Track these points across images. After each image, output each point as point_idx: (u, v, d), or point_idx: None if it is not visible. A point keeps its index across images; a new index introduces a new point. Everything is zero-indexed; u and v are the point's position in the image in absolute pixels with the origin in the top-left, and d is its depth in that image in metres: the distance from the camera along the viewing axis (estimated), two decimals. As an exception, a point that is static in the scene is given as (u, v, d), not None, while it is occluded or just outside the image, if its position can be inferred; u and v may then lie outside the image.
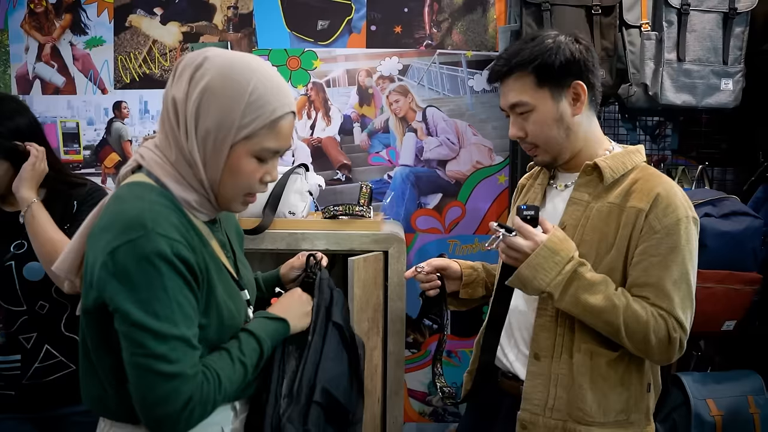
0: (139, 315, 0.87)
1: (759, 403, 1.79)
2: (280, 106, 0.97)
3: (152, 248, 0.88)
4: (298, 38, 2.45)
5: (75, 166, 2.50)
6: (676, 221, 1.17)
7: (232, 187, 0.99)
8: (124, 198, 0.95)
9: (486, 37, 2.43)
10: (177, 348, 0.89)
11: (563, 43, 1.21)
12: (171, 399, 0.89)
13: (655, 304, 1.17)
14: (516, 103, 1.24)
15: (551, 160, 1.29)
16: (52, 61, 2.45)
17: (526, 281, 1.19)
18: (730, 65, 1.92)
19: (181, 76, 0.97)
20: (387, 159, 2.49)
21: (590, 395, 1.21)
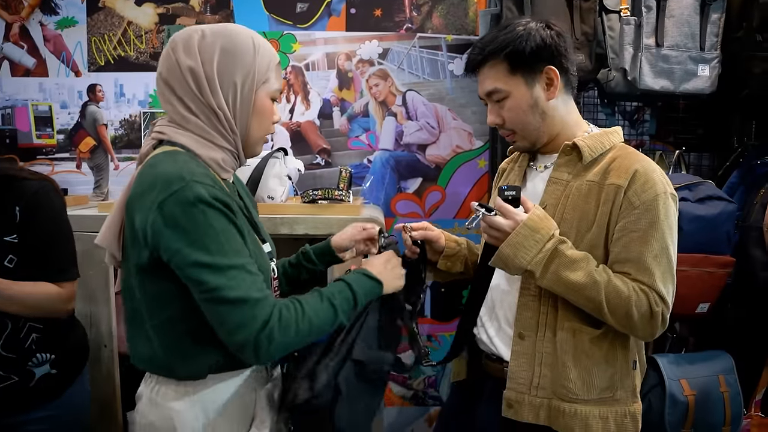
0: (193, 254, 0.97)
1: (729, 383, 1.84)
2: (275, 53, 1.15)
3: (194, 195, 0.97)
4: (277, 21, 2.41)
5: (48, 150, 2.44)
6: (655, 197, 1.19)
7: (258, 129, 1.13)
8: (156, 164, 1.03)
9: (466, 21, 2.42)
10: (235, 276, 0.97)
11: (534, 29, 1.23)
12: (245, 323, 0.98)
13: (637, 279, 1.19)
14: (491, 91, 1.26)
15: (530, 146, 1.31)
16: (21, 41, 2.39)
17: (507, 260, 1.20)
18: (707, 51, 1.94)
19: (186, 50, 1.07)
20: (366, 143, 2.47)
21: (574, 373, 1.23)
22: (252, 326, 0.97)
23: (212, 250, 0.97)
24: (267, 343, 0.99)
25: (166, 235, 0.97)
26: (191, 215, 0.96)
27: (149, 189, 0.99)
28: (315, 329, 1.06)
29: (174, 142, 1.08)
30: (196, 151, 1.07)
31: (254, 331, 0.97)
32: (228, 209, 1.01)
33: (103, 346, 1.85)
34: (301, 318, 1.03)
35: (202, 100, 1.07)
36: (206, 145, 1.08)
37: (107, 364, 1.85)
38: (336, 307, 1.08)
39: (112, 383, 1.86)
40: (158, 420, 1.08)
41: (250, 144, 1.14)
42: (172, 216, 0.96)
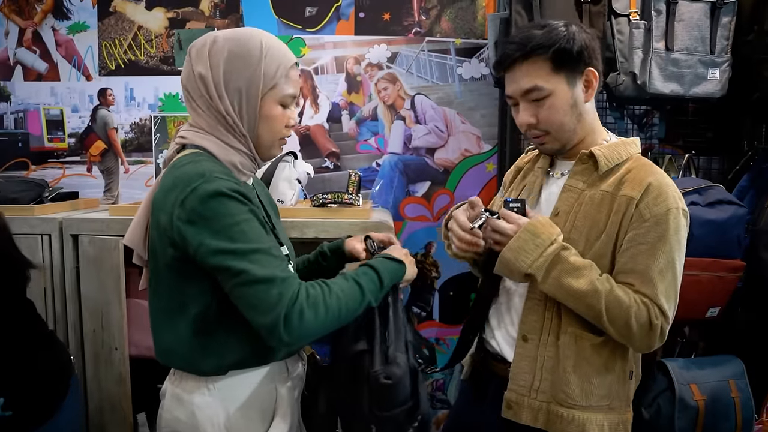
0: (216, 243, 1.00)
1: (740, 387, 1.82)
2: (289, 57, 1.14)
3: (213, 188, 1.01)
4: (286, 25, 2.43)
5: (60, 154, 2.46)
6: (666, 211, 1.19)
7: (268, 134, 1.14)
8: (179, 166, 1.08)
9: (475, 25, 2.43)
10: (258, 259, 1.00)
11: (575, 31, 1.22)
12: (274, 302, 0.99)
13: (639, 291, 1.19)
14: (531, 89, 1.22)
15: (560, 148, 1.29)
16: (33, 46, 2.41)
17: (509, 264, 1.21)
18: (717, 55, 1.93)
19: (198, 57, 1.11)
20: (375, 147, 2.48)
21: (574, 378, 1.23)
22: (281, 303, 0.99)
23: (234, 237, 1.00)
24: (298, 319, 1.00)
25: (189, 230, 1.01)
26: (211, 207, 1.00)
27: (172, 189, 1.04)
28: (344, 307, 1.07)
29: (196, 145, 1.12)
30: (216, 155, 1.11)
31: (284, 307, 0.99)
32: (248, 200, 1.04)
33: (114, 349, 1.86)
34: (328, 295, 1.05)
35: (212, 105, 1.10)
36: (224, 148, 1.12)
37: (118, 366, 1.86)
38: (362, 285, 1.11)
39: (123, 386, 1.87)
40: (182, 414, 1.13)
41: (263, 148, 1.16)
42: (193, 210, 1.00)
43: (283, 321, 0.99)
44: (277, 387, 1.18)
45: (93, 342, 1.88)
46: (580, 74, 1.23)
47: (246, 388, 1.14)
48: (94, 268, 1.85)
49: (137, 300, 1.91)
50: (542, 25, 1.24)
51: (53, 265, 1.87)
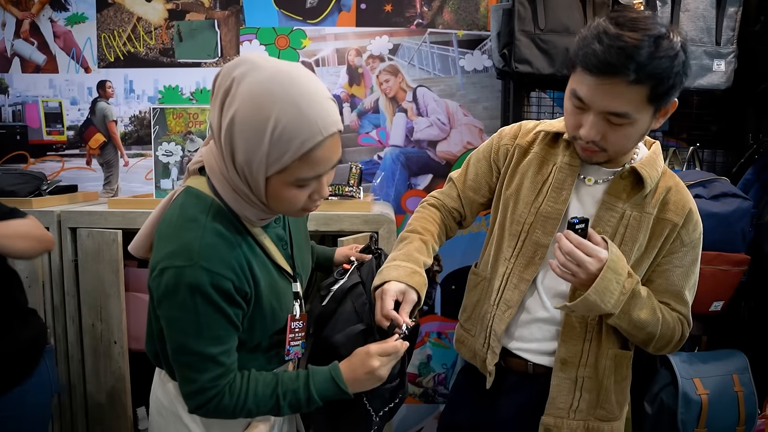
0: (170, 329, 1.01)
1: (743, 382, 1.82)
2: (309, 137, 0.91)
3: (192, 280, 0.95)
4: (287, 16, 2.40)
5: (59, 146, 2.45)
6: (699, 235, 1.25)
7: (282, 208, 1.02)
8: (186, 212, 1.00)
9: (477, 16, 2.40)
10: (199, 362, 1.01)
11: (689, 54, 1.08)
12: (189, 398, 1.05)
13: (675, 309, 1.25)
14: (619, 113, 1.07)
15: (605, 162, 1.20)
16: (31, 38, 2.39)
17: (593, 306, 1.13)
18: (723, 46, 1.90)
19: (216, 98, 0.95)
20: (377, 139, 2.46)
21: (614, 395, 1.28)
22: (191, 402, 1.05)
23: (188, 333, 0.99)
24: (202, 414, 1.07)
25: (158, 294, 0.99)
26: (183, 297, 0.96)
27: (165, 239, 0.99)
28: (253, 414, 1.09)
29: (213, 185, 1.02)
30: (231, 206, 1.02)
31: (193, 405, 1.05)
32: (227, 298, 0.99)
33: (113, 342, 1.85)
34: (239, 407, 1.06)
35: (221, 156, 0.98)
36: (238, 201, 1.01)
37: (117, 360, 1.85)
38: (281, 406, 1.09)
39: (122, 379, 1.86)
40: (164, 399, 1.17)
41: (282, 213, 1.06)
42: (166, 287, 0.97)
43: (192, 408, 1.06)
44: None
45: (92, 336, 1.87)
46: (667, 105, 1.11)
47: None
48: (93, 262, 1.83)
49: (136, 294, 1.90)
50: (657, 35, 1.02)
51: (51, 259, 1.86)
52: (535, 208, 1.26)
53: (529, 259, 1.27)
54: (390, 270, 1.21)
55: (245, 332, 1.07)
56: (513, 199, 1.31)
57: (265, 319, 1.08)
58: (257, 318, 1.07)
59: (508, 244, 1.31)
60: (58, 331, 1.88)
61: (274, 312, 1.09)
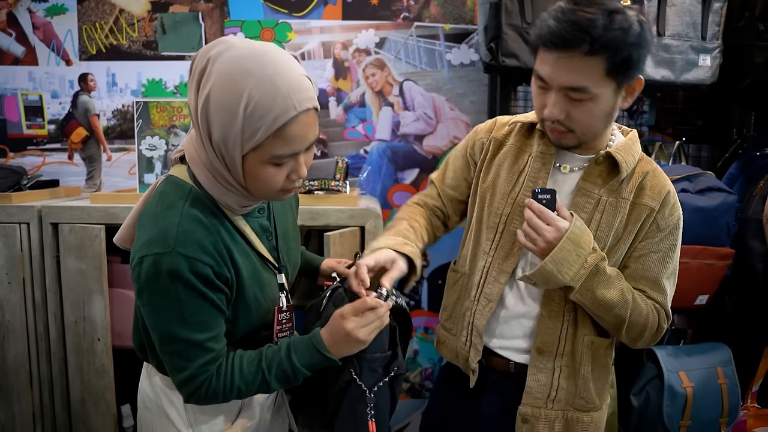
0: (154, 318, 1.00)
1: (727, 374, 1.84)
2: (283, 112, 0.90)
3: (171, 266, 0.95)
4: (272, 9, 2.37)
5: (39, 140, 2.40)
6: (677, 221, 1.22)
7: (260, 190, 0.99)
8: (164, 200, 1.01)
9: (464, 10, 2.39)
10: (187, 349, 1.00)
11: (647, 30, 1.08)
12: (182, 387, 1.05)
13: (651, 297, 1.22)
14: (577, 87, 1.08)
15: (576, 145, 1.20)
16: (9, 29, 2.33)
17: (550, 276, 1.13)
18: (708, 41, 1.92)
19: (193, 79, 0.95)
20: (363, 134, 2.45)
21: (592, 384, 1.26)
22: (183, 390, 1.05)
23: (171, 320, 0.98)
24: (195, 401, 1.06)
25: (138, 284, 0.98)
26: (163, 284, 0.96)
27: (144, 228, 0.99)
28: (244, 395, 1.08)
29: (193, 173, 1.02)
30: (212, 194, 1.01)
31: (185, 393, 1.05)
32: (207, 283, 0.98)
33: (97, 339, 1.82)
34: (229, 389, 1.05)
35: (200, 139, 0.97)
36: (218, 187, 1.00)
37: (101, 357, 1.83)
38: (269, 380, 1.07)
39: (106, 377, 1.83)
40: (150, 392, 1.17)
41: (262, 197, 1.03)
42: (146, 275, 0.96)
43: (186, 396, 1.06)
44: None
45: (75, 333, 1.84)
46: (630, 81, 1.11)
47: None
48: (76, 257, 1.80)
49: (120, 290, 1.87)
50: (611, 9, 1.05)
51: (32, 255, 1.83)
52: (512, 198, 1.26)
53: (507, 251, 1.26)
54: (379, 240, 1.24)
55: (229, 323, 1.06)
56: (490, 192, 1.30)
57: (249, 310, 1.08)
58: (240, 308, 1.06)
59: (486, 237, 1.30)
60: (40, 329, 1.85)
61: (258, 302, 1.08)
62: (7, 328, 1.85)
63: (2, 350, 1.86)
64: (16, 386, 1.87)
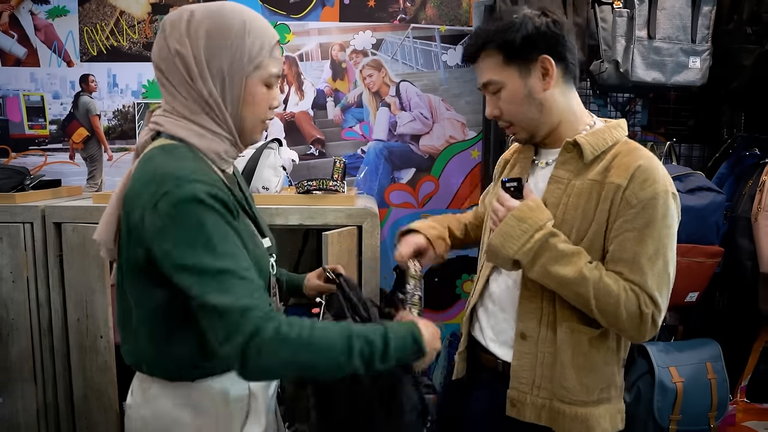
0: (182, 256, 0.91)
1: (716, 369, 1.87)
2: (272, 34, 1.06)
3: (189, 194, 0.92)
4: (270, 11, 2.40)
5: (41, 141, 2.43)
6: (654, 195, 1.14)
7: (252, 117, 1.06)
8: (154, 158, 0.99)
9: (460, 12, 2.42)
10: (224, 281, 0.91)
11: (527, 18, 1.20)
12: (231, 333, 0.89)
13: (628, 278, 1.16)
14: (487, 82, 1.25)
15: (528, 137, 1.29)
16: (11, 30, 2.36)
17: (497, 250, 1.21)
18: (698, 44, 1.96)
19: (175, 32, 1.01)
20: (360, 134, 2.48)
21: (571, 373, 1.22)
22: (237, 336, 0.89)
23: (202, 252, 0.91)
24: (256, 356, 0.89)
25: (159, 235, 0.92)
26: (184, 215, 0.91)
27: (146, 186, 0.95)
28: (317, 362, 0.93)
29: (173, 135, 1.03)
30: (195, 144, 1.02)
31: (240, 342, 0.89)
32: (226, 208, 0.96)
33: (99, 337, 1.86)
34: (304, 341, 0.92)
35: (193, 86, 1.01)
36: (205, 137, 1.03)
37: (103, 354, 1.86)
38: (353, 351, 0.94)
39: (108, 373, 1.87)
40: (150, 417, 1.07)
41: (246, 133, 1.08)
42: (165, 215, 0.91)
43: (239, 355, 0.89)
44: (250, 386, 1.11)
45: (78, 330, 1.87)
46: (533, 63, 1.20)
47: (216, 391, 1.07)
48: (78, 256, 1.84)
49: (122, 288, 1.90)
50: (500, 16, 1.24)
51: (36, 254, 1.86)
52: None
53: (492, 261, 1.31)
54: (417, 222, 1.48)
55: None
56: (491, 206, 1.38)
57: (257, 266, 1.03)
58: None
59: (484, 240, 1.40)
60: (44, 326, 1.89)
61: (255, 254, 1.04)
62: (12, 326, 1.88)
63: (7, 347, 1.89)
64: (20, 382, 1.91)
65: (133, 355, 1.07)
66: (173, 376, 1.05)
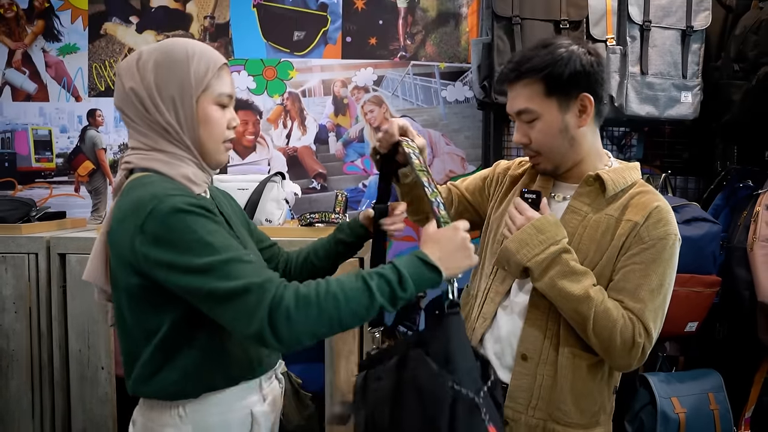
0: (184, 263, 0.94)
1: (719, 400, 1.87)
2: (217, 57, 1.12)
3: (170, 206, 0.96)
4: (275, 48, 2.48)
5: (47, 173, 2.47)
6: (665, 236, 1.20)
7: (209, 139, 1.10)
8: (129, 192, 1.04)
9: (459, 49, 2.50)
10: (230, 270, 0.94)
11: (575, 53, 1.20)
12: (252, 311, 0.92)
13: (628, 307, 1.20)
14: (522, 110, 1.24)
15: (553, 169, 1.30)
16: (23, 67, 2.43)
17: (510, 255, 1.22)
18: (689, 79, 2.03)
19: (127, 73, 1.09)
20: (362, 168, 2.52)
21: (570, 397, 1.24)
22: (261, 310, 0.91)
23: (201, 253, 0.94)
24: (285, 323, 0.92)
25: (155, 253, 0.96)
26: (171, 226, 0.95)
27: (128, 216, 0.99)
28: (344, 309, 0.95)
29: (143, 168, 1.08)
30: (165, 172, 1.07)
31: (265, 313, 0.91)
32: (207, 211, 1.00)
33: (101, 368, 1.85)
34: (324, 295, 0.94)
35: (149, 118, 1.07)
36: (172, 164, 1.08)
37: (104, 385, 1.85)
38: (371, 287, 0.96)
39: (108, 405, 1.86)
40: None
41: (209, 154, 1.11)
42: (154, 234, 0.96)
43: (268, 327, 0.91)
44: (252, 410, 1.12)
45: (79, 361, 1.87)
46: (573, 99, 1.21)
47: (218, 414, 1.08)
48: (82, 287, 1.85)
49: (124, 318, 1.91)
50: (547, 44, 1.23)
51: (39, 284, 1.87)
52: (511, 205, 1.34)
53: (505, 273, 1.32)
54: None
55: None
56: (497, 222, 1.39)
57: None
58: None
59: (489, 261, 1.38)
60: (44, 357, 1.88)
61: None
62: (12, 357, 1.88)
63: (5, 379, 1.88)
64: (17, 415, 1.89)
65: (138, 381, 1.07)
66: (176, 395, 1.06)
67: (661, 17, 2.01)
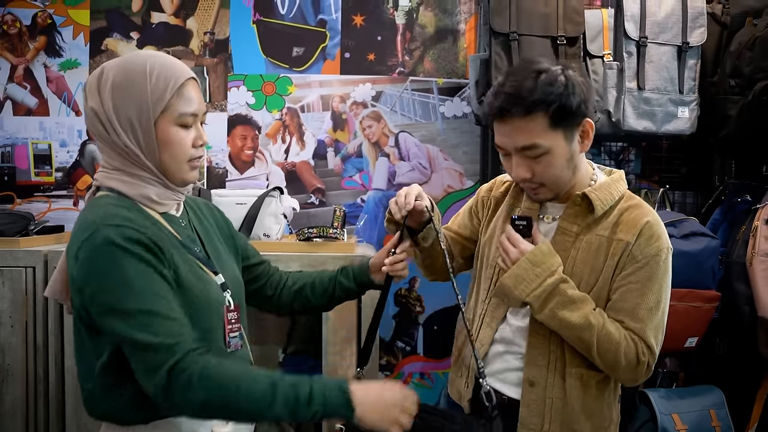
0: (103, 300, 0.95)
1: (720, 417, 1.85)
2: (180, 74, 1.06)
3: (102, 239, 0.95)
4: (274, 64, 2.50)
5: (46, 187, 2.48)
6: (657, 252, 1.21)
7: (172, 160, 1.06)
8: (85, 211, 1.04)
9: (456, 66, 2.52)
10: (146, 322, 0.94)
11: (575, 82, 1.17)
12: (154, 368, 0.93)
13: (629, 327, 1.21)
14: (529, 146, 1.17)
15: (553, 197, 1.28)
16: (24, 82, 2.45)
17: (508, 291, 1.22)
18: (686, 94, 2.04)
19: (90, 92, 1.06)
20: (360, 183, 2.53)
21: (583, 416, 1.25)
22: (162, 371, 0.92)
23: (121, 294, 0.94)
24: (181, 390, 0.92)
25: (82, 281, 0.96)
26: (100, 260, 0.95)
27: (73, 236, 1.00)
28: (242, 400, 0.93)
29: (106, 186, 1.06)
30: (125, 192, 1.05)
31: (164, 376, 0.92)
32: (146, 249, 0.97)
33: (96, 383, 1.84)
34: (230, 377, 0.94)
35: (110, 140, 1.04)
36: (134, 184, 1.05)
37: (99, 401, 1.84)
38: (277, 392, 0.94)
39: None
40: None
41: (173, 175, 1.08)
42: (84, 263, 0.95)
43: (162, 390, 0.92)
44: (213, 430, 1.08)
45: (74, 375, 1.85)
46: (577, 126, 1.19)
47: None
48: (78, 301, 1.84)
49: (121, 333, 1.90)
50: (537, 70, 1.16)
51: (36, 298, 1.87)
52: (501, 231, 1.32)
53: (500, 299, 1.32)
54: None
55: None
56: (487, 246, 1.39)
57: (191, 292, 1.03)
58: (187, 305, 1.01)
59: (483, 287, 1.38)
60: (39, 372, 1.87)
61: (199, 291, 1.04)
62: (7, 372, 1.87)
63: (0, 393, 1.87)
64: (12, 430, 1.88)
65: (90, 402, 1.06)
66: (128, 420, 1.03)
67: (657, 33, 2.03)
